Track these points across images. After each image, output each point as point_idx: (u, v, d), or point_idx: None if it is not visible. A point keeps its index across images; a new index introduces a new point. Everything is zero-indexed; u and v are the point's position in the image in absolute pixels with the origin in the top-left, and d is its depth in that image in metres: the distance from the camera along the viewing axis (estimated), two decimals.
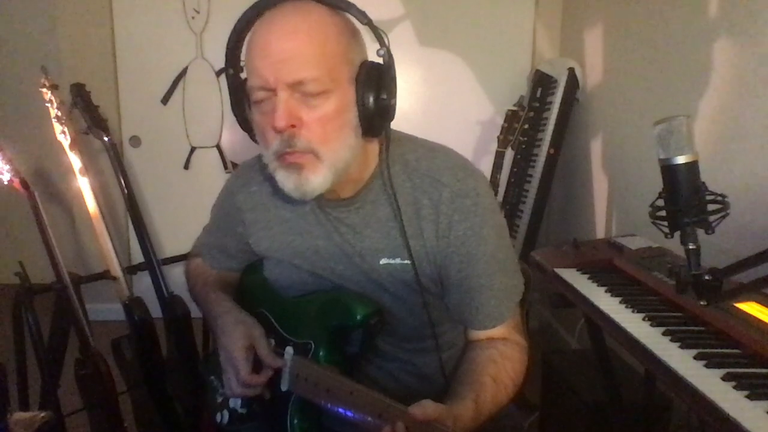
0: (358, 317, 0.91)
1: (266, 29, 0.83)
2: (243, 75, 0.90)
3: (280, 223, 1.02)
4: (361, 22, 0.85)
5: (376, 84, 0.85)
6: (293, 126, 0.82)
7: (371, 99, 0.85)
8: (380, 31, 0.83)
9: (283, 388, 0.95)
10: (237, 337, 0.95)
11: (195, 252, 1.24)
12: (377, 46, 0.84)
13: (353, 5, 0.84)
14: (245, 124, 0.93)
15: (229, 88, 0.92)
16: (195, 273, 1.20)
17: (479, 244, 0.93)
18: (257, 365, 0.96)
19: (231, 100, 0.93)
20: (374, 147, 0.94)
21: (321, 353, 0.94)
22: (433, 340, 0.98)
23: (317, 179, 0.85)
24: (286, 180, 0.87)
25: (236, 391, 0.95)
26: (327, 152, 0.84)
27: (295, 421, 0.94)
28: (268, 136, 0.85)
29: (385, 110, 0.86)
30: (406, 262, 0.93)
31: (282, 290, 1.05)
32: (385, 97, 0.85)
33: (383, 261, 0.94)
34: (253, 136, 0.93)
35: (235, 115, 0.93)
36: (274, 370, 0.95)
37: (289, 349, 0.97)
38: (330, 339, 0.94)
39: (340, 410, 0.85)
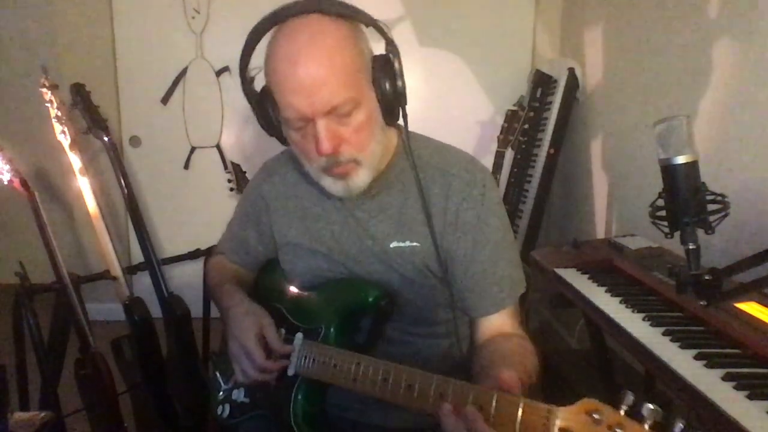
0: (370, 299, 0.96)
1: (288, 64, 0.86)
2: (255, 81, 0.96)
3: (301, 210, 1.09)
4: (366, 25, 0.91)
5: (390, 77, 0.91)
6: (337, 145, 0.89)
7: (389, 92, 0.91)
8: (384, 27, 0.91)
9: (290, 372, 0.97)
10: (247, 326, 0.98)
11: (218, 249, 1.29)
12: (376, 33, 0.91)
13: (359, 12, 0.90)
14: (272, 130, 0.97)
15: (250, 102, 0.97)
16: (214, 269, 1.24)
17: (484, 232, 0.98)
18: (267, 354, 0.98)
19: (257, 114, 0.97)
20: (392, 138, 1.02)
21: (331, 334, 0.97)
22: (440, 326, 1.04)
23: (360, 180, 0.94)
24: (333, 185, 0.95)
25: (252, 376, 0.97)
26: (366, 156, 0.93)
27: (299, 401, 0.96)
28: (312, 155, 0.92)
29: (400, 96, 0.92)
30: (415, 244, 0.99)
31: (297, 278, 1.10)
32: (399, 84, 0.91)
33: (393, 244, 0.99)
34: (283, 141, 0.99)
35: (262, 126, 0.97)
36: (285, 356, 0.98)
37: (299, 335, 0.99)
38: (340, 322, 0.98)
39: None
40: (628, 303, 1.21)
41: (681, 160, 0.83)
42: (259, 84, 0.96)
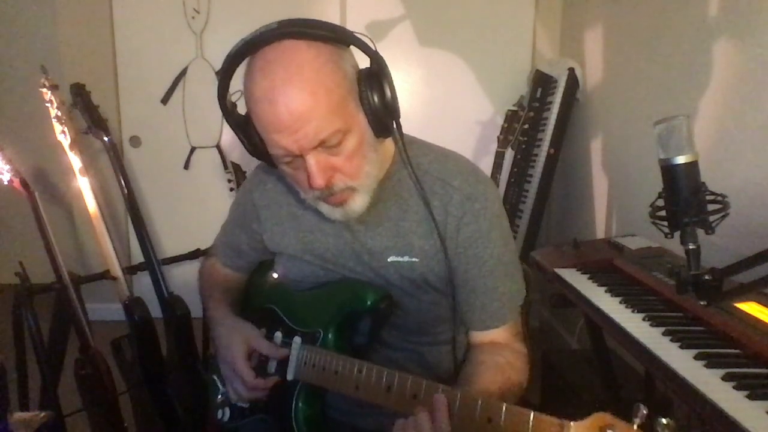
0: (368, 302, 0.93)
1: (267, 104, 0.82)
2: (235, 102, 0.93)
3: (293, 220, 1.05)
4: (346, 45, 0.86)
5: (378, 93, 0.87)
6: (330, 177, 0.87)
7: (379, 109, 0.87)
8: (366, 40, 0.85)
9: (289, 377, 0.97)
10: (235, 345, 0.98)
11: (211, 251, 1.27)
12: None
13: (337, 31, 0.84)
14: (261, 155, 0.94)
15: (234, 130, 0.94)
16: (206, 273, 1.23)
17: (486, 247, 0.96)
18: (261, 369, 0.99)
19: (242, 141, 0.93)
20: (389, 148, 0.98)
21: (330, 339, 0.95)
22: (442, 335, 1.02)
23: (358, 204, 0.91)
24: (331, 212, 0.92)
25: (245, 397, 0.98)
26: (361, 182, 0.89)
27: (300, 407, 0.95)
28: (305, 186, 0.89)
29: (392, 110, 0.88)
30: (414, 259, 0.96)
31: (293, 284, 1.08)
32: (389, 99, 0.87)
33: (391, 258, 0.97)
34: (270, 163, 0.94)
35: (250, 152, 0.94)
36: (283, 360, 0.98)
37: (297, 339, 0.98)
38: (339, 325, 0.96)
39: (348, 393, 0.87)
40: (628, 303, 1.21)
41: (681, 160, 0.82)
42: (241, 106, 0.92)
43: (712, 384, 0.88)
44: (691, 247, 0.84)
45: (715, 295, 0.84)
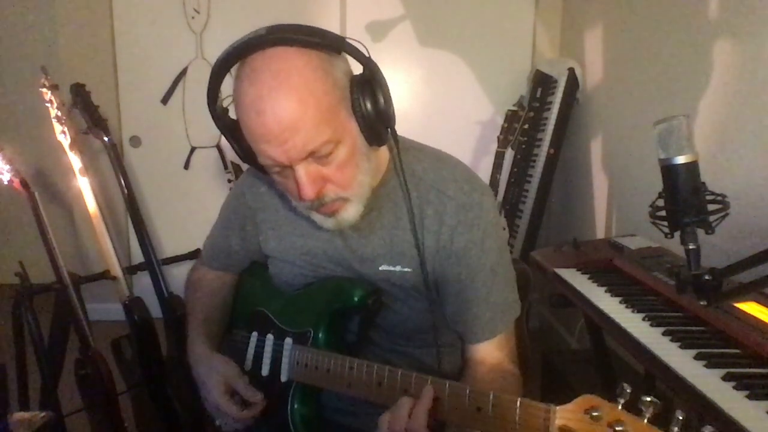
0: (356, 298, 0.93)
1: (255, 114, 0.79)
2: (226, 107, 0.91)
3: (287, 224, 1.05)
4: (336, 51, 0.83)
5: (372, 101, 0.85)
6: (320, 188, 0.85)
7: (372, 117, 0.85)
8: (358, 46, 0.83)
9: (283, 378, 0.97)
10: (213, 386, 0.98)
11: (199, 259, 1.26)
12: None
13: (327, 37, 0.81)
14: (251, 161, 0.92)
15: (224, 135, 0.92)
16: (193, 287, 1.21)
17: (479, 257, 0.94)
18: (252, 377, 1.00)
19: (233, 147, 0.92)
20: (383, 155, 0.97)
21: (320, 338, 0.96)
22: (429, 340, 1.00)
23: (350, 214, 0.90)
24: (323, 221, 0.92)
25: (236, 426, 0.99)
26: (353, 192, 0.88)
27: (296, 408, 0.96)
28: (295, 195, 0.87)
29: (385, 118, 0.86)
30: (406, 269, 0.95)
31: (284, 286, 1.07)
32: (382, 104, 0.85)
33: (382, 267, 0.96)
34: (261, 169, 0.92)
35: (241, 158, 0.93)
36: (274, 362, 0.99)
37: (288, 340, 0.99)
38: (328, 324, 0.96)
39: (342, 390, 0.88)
40: (628, 303, 1.21)
41: (681, 160, 0.82)
42: (232, 110, 0.89)
43: (712, 384, 0.88)
44: (691, 247, 0.84)
45: (715, 295, 0.84)
